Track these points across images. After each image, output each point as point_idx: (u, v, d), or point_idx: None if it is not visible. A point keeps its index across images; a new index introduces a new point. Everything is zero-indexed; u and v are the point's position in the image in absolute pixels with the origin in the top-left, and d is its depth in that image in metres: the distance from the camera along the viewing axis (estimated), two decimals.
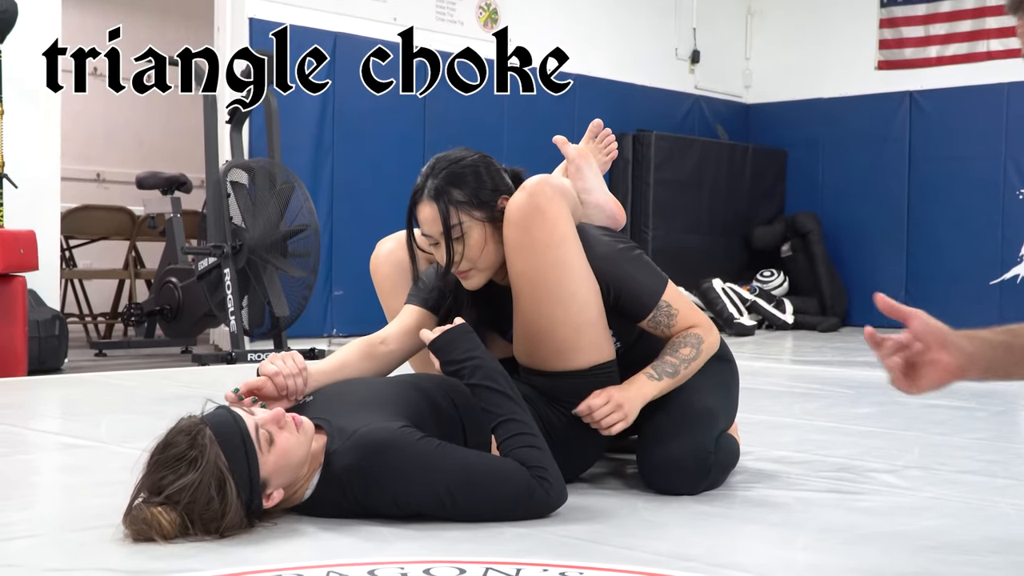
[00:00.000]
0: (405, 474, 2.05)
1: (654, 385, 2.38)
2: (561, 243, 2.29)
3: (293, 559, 1.87)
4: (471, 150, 2.43)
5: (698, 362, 2.43)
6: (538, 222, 2.28)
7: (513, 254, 2.31)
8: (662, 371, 2.39)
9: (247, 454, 1.96)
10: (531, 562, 1.86)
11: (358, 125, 7.28)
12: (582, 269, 2.32)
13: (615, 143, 2.82)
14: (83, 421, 3.68)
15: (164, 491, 1.93)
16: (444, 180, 2.34)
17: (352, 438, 2.07)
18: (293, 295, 5.88)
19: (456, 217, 2.33)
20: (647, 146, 8.90)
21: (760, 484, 2.59)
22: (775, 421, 3.70)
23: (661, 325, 2.42)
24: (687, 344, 2.42)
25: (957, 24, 9.19)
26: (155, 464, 1.95)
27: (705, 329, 2.46)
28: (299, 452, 2.04)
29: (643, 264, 2.45)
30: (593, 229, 2.47)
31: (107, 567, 1.83)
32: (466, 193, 2.34)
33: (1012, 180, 8.79)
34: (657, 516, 2.25)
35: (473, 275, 2.38)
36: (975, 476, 2.79)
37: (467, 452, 2.15)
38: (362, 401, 2.20)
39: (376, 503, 2.08)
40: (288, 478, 2.04)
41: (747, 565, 1.93)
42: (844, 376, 5.34)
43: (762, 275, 9.32)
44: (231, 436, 1.96)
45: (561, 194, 2.34)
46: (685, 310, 2.44)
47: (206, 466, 1.92)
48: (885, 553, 2.02)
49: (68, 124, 6.58)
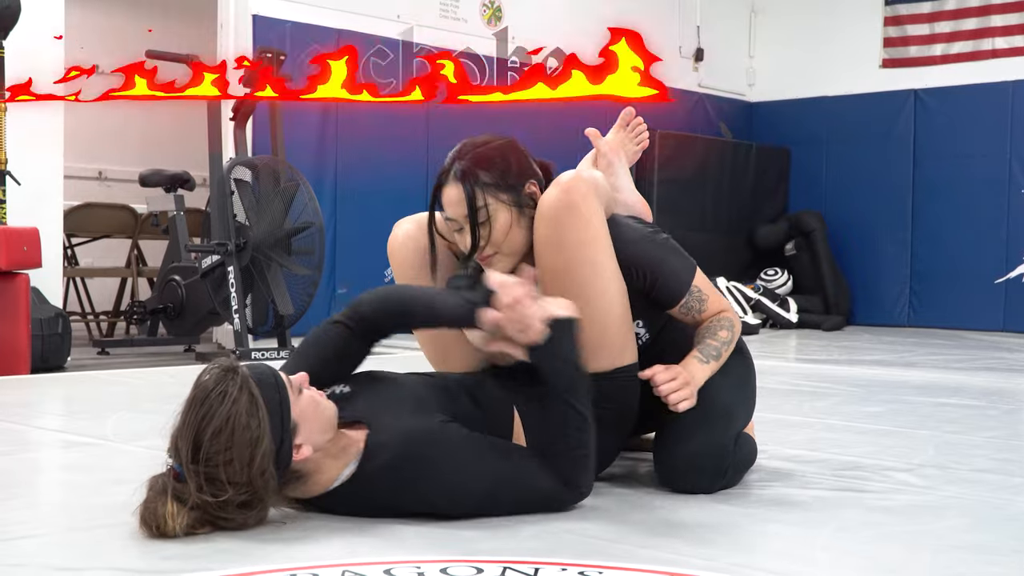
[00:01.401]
0: (447, 471, 2.06)
1: (704, 369, 2.34)
2: (593, 241, 2.26)
3: (308, 558, 1.84)
4: (498, 135, 2.39)
5: (732, 347, 2.41)
6: (571, 219, 2.24)
7: (544, 250, 2.28)
8: (708, 354, 2.36)
9: (279, 389, 1.96)
10: (549, 561, 1.83)
11: (361, 122, 7.25)
12: (612, 269, 2.29)
13: (647, 132, 2.76)
14: (86, 419, 3.64)
15: (198, 437, 1.90)
16: (471, 161, 2.30)
17: (397, 434, 2.06)
18: (297, 293, 5.85)
19: (482, 199, 2.28)
20: (651, 144, 8.84)
21: (776, 483, 2.56)
22: (785, 419, 3.67)
23: (693, 311, 2.39)
24: (723, 327, 2.39)
25: (962, 22, 9.16)
26: (190, 405, 1.93)
27: (733, 313, 2.45)
28: (325, 412, 2.04)
29: (674, 250, 2.42)
30: (622, 218, 2.43)
31: (115, 566, 1.80)
32: (493, 175, 2.29)
33: (1017, 178, 8.76)
34: (675, 515, 2.22)
35: (497, 260, 2.32)
36: (992, 475, 2.76)
37: (507, 449, 2.16)
38: (400, 399, 2.19)
39: (411, 498, 2.06)
40: (316, 433, 2.01)
41: (768, 564, 1.90)
42: (851, 374, 5.31)
43: (766, 274, 9.29)
44: (263, 374, 1.97)
45: (595, 191, 2.30)
46: (713, 295, 2.42)
47: (239, 395, 1.91)
48: (908, 552, 1.99)
49: (71, 121, 6.54)
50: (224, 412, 1.90)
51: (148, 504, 1.93)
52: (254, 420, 1.91)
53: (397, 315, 2.24)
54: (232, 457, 1.89)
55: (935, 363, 6.01)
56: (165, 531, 1.91)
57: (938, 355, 6.55)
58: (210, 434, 1.89)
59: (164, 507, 1.91)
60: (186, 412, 1.94)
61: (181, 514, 1.91)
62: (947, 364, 5.96)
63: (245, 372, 1.95)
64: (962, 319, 8.92)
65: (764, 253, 9.61)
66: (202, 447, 1.90)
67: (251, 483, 1.91)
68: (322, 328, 2.28)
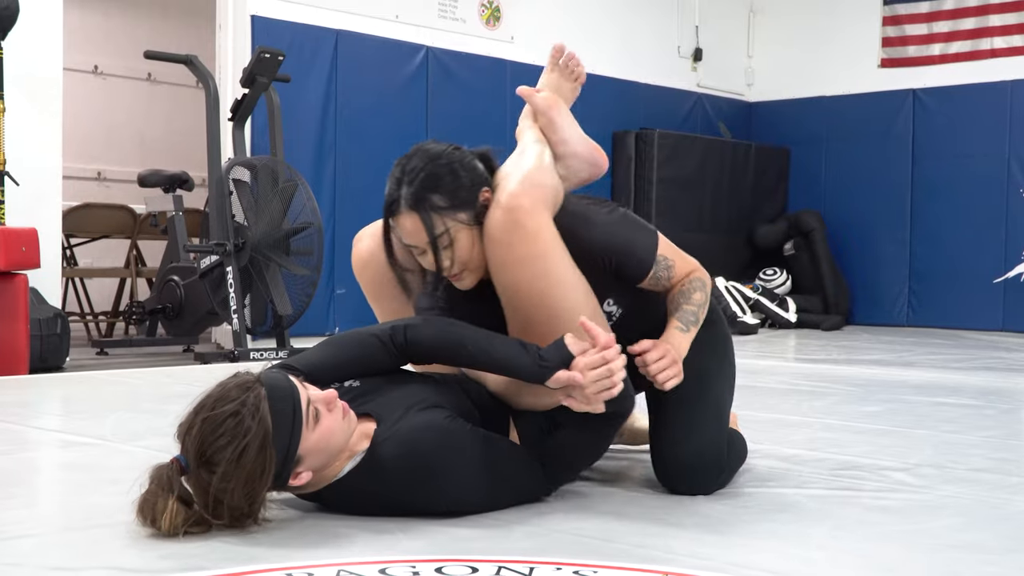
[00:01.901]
0: (454, 465, 2.07)
1: (686, 337, 2.34)
2: (544, 255, 2.20)
3: (303, 557, 1.84)
4: (436, 142, 2.30)
5: (707, 305, 2.42)
6: (518, 237, 2.18)
7: (497, 270, 2.24)
8: (687, 321, 2.35)
9: (293, 425, 1.95)
10: (544, 560, 1.84)
11: (360, 122, 7.25)
12: (569, 275, 2.25)
13: (581, 65, 2.61)
14: (85, 419, 3.64)
15: (204, 449, 1.90)
16: (421, 186, 2.20)
17: (403, 427, 2.07)
18: (296, 293, 5.85)
19: (441, 224, 2.20)
20: (650, 144, 8.87)
21: (773, 482, 2.56)
22: (783, 419, 3.67)
23: (662, 280, 2.38)
24: (696, 289, 2.39)
25: (960, 22, 9.16)
26: (203, 422, 1.93)
27: (702, 271, 2.45)
28: (339, 438, 2.04)
29: (633, 224, 2.38)
30: (575, 205, 2.36)
31: (112, 565, 1.80)
32: (446, 197, 2.20)
33: (1016, 178, 8.76)
34: (670, 514, 2.22)
35: (466, 276, 2.29)
36: (989, 474, 2.76)
37: (508, 447, 2.19)
38: (407, 394, 2.19)
39: (418, 491, 2.07)
40: (321, 462, 2.03)
41: (764, 564, 1.90)
42: (850, 374, 5.31)
43: (765, 273, 9.29)
44: (283, 402, 1.95)
45: (540, 201, 2.23)
46: (679, 259, 2.41)
47: (252, 428, 1.90)
48: (904, 551, 1.99)
49: (69, 122, 6.55)
50: (236, 443, 1.90)
51: (148, 496, 1.93)
52: (262, 456, 1.91)
53: (452, 352, 2.19)
54: (232, 485, 1.91)
55: (933, 363, 6.01)
56: (159, 526, 1.92)
57: (937, 355, 6.55)
58: (216, 451, 1.91)
59: (164, 502, 1.92)
60: (199, 421, 1.93)
61: (179, 514, 1.91)
62: (945, 364, 5.96)
63: (265, 409, 1.92)
64: (961, 319, 8.92)
65: (763, 253, 9.61)
66: (205, 462, 1.92)
67: (244, 504, 1.94)
68: (365, 340, 2.22)
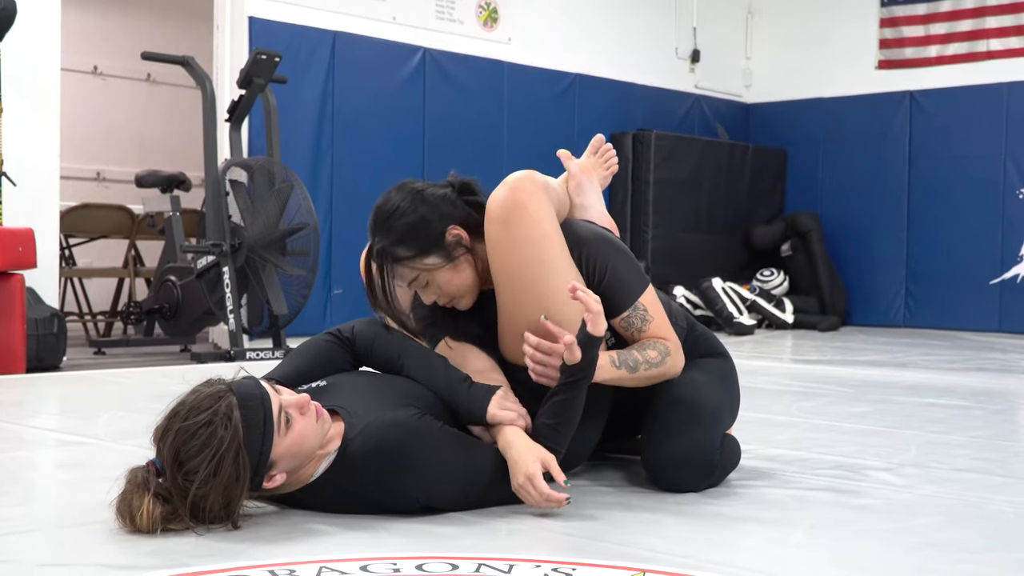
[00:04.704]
0: (426, 460, 2.09)
1: (610, 371, 2.28)
2: (540, 240, 2.25)
3: (285, 555, 1.87)
4: (400, 191, 2.35)
5: (657, 371, 2.34)
6: (517, 217, 2.24)
7: (493, 251, 2.28)
8: (623, 361, 2.30)
9: (264, 433, 1.98)
10: (523, 558, 1.86)
11: (357, 124, 7.27)
12: (563, 266, 2.28)
13: (615, 158, 2.77)
14: (81, 418, 3.67)
15: (180, 458, 1.94)
16: (388, 241, 2.29)
17: (374, 424, 2.10)
18: (292, 294, 5.88)
19: (412, 272, 2.29)
20: (647, 145, 8.89)
21: (756, 481, 2.59)
22: (772, 419, 3.69)
23: (633, 327, 2.35)
24: (655, 349, 2.34)
25: (957, 24, 9.18)
26: (177, 431, 1.96)
27: (675, 346, 2.38)
28: (312, 441, 2.06)
29: (629, 260, 2.40)
30: (579, 221, 2.44)
31: (101, 562, 1.83)
32: (410, 247, 2.27)
33: (1012, 179, 8.78)
34: (652, 513, 2.25)
35: (459, 301, 2.36)
36: (972, 474, 2.78)
37: (485, 446, 2.21)
38: (378, 393, 2.22)
39: (389, 488, 2.10)
40: (294, 464, 2.06)
41: (742, 561, 1.93)
42: (843, 375, 5.34)
43: (762, 274, 9.32)
44: (254, 410, 1.98)
45: (543, 189, 2.30)
46: (660, 320, 2.37)
47: (226, 439, 1.94)
48: (880, 549, 2.02)
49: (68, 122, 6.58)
50: (210, 453, 1.93)
51: (124, 496, 1.97)
52: (236, 463, 1.95)
53: (386, 359, 2.38)
54: (209, 492, 1.95)
55: (928, 364, 6.03)
56: (139, 525, 1.95)
57: (931, 356, 6.57)
58: (191, 460, 1.94)
59: (140, 500, 1.95)
60: (174, 431, 1.96)
61: (156, 509, 1.95)
62: (939, 365, 5.99)
63: (237, 417, 1.96)
64: (957, 320, 8.94)
65: (760, 254, 9.64)
66: (180, 469, 1.95)
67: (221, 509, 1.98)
68: (320, 342, 2.40)
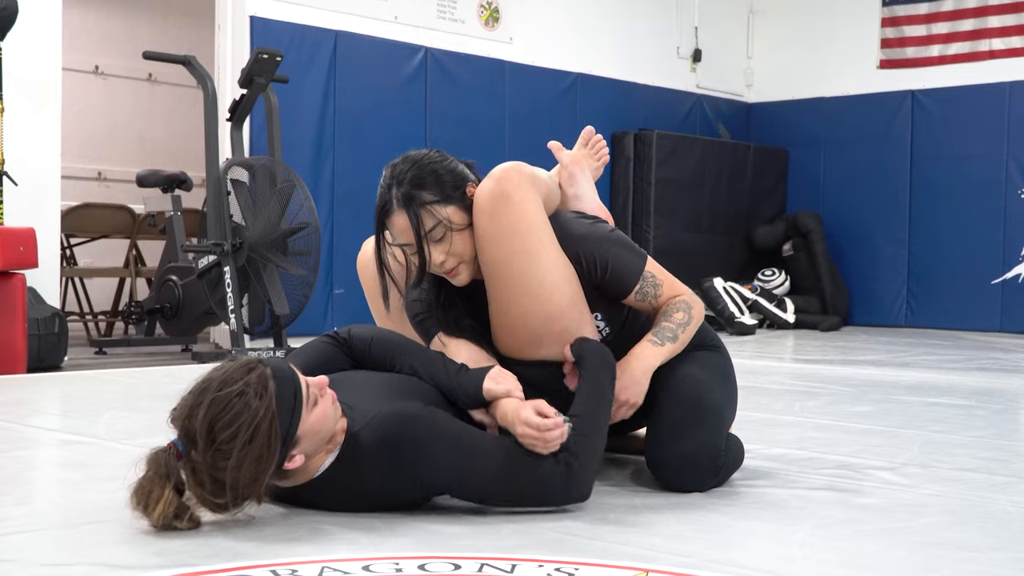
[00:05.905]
0: (433, 448, 2.08)
1: (657, 352, 2.36)
2: (528, 231, 2.27)
3: (288, 555, 1.87)
4: (419, 150, 2.38)
5: (692, 327, 2.43)
6: (505, 208, 2.26)
7: (482, 242, 2.29)
8: (663, 336, 2.38)
9: (295, 407, 1.99)
10: (526, 558, 1.86)
11: (359, 123, 7.27)
12: (552, 257, 2.30)
13: (607, 149, 2.82)
14: (82, 418, 3.67)
15: (214, 429, 1.92)
16: (410, 184, 2.28)
17: (379, 416, 2.10)
18: (293, 293, 5.87)
19: (433, 218, 2.28)
20: (648, 145, 8.89)
21: (759, 481, 2.58)
22: (775, 419, 3.69)
23: (648, 296, 2.41)
24: (679, 309, 2.42)
25: (959, 23, 9.18)
26: (210, 403, 1.94)
27: (692, 297, 2.47)
28: (330, 424, 2.07)
29: (622, 241, 2.43)
30: (567, 213, 2.45)
31: (103, 562, 1.83)
32: (434, 192, 2.28)
33: (1014, 179, 8.78)
34: (654, 513, 2.25)
35: (462, 269, 2.34)
36: (974, 473, 2.78)
37: (493, 436, 2.19)
38: (378, 388, 2.22)
39: (397, 480, 2.09)
40: (313, 445, 2.06)
41: (743, 560, 1.92)
42: (845, 374, 5.33)
43: (763, 274, 9.31)
44: (286, 382, 2.00)
45: (530, 180, 2.31)
46: (669, 281, 2.45)
47: (261, 409, 1.93)
48: (883, 549, 2.02)
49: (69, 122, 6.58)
50: (246, 423, 1.92)
51: (144, 483, 1.95)
52: (269, 435, 1.94)
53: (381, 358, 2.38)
54: (242, 465, 1.93)
55: (929, 363, 6.03)
56: (150, 515, 1.94)
57: (933, 355, 6.57)
58: (225, 431, 1.92)
59: (160, 492, 1.93)
60: (206, 403, 1.95)
61: (171, 506, 1.94)
62: (941, 364, 5.98)
63: (272, 388, 1.96)
64: (959, 320, 8.94)
65: (762, 253, 9.63)
66: (213, 442, 1.93)
67: (250, 484, 1.96)
68: (318, 344, 2.40)
